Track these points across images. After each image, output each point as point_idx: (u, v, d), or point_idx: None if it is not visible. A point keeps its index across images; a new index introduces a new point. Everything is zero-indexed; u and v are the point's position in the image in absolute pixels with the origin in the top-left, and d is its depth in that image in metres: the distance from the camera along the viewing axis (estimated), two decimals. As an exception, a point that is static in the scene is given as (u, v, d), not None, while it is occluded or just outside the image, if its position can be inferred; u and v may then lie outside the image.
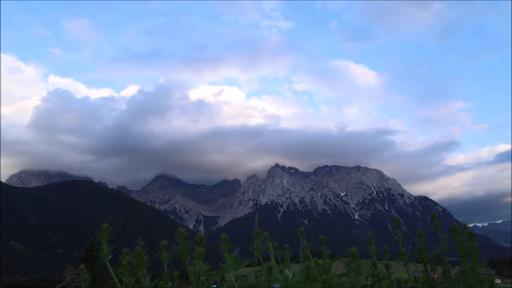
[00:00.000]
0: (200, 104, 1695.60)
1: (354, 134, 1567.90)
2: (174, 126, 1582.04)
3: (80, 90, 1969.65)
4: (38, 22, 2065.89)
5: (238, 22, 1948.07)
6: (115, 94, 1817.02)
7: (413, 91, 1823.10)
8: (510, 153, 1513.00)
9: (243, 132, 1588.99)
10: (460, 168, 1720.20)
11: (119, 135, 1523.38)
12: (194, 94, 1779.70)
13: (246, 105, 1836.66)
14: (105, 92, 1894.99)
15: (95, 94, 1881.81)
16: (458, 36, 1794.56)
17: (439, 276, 2.53)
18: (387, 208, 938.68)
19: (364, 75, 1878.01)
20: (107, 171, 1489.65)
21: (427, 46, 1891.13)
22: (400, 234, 2.83)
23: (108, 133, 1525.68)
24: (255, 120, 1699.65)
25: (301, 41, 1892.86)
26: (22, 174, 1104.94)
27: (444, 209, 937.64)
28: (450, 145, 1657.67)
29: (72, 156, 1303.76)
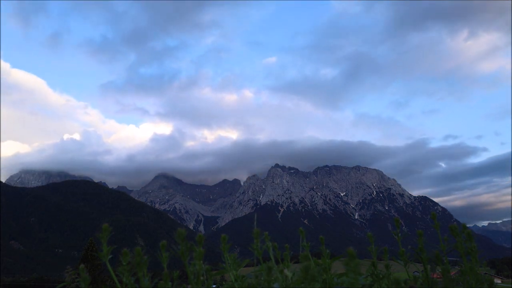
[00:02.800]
0: (209, 143, 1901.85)
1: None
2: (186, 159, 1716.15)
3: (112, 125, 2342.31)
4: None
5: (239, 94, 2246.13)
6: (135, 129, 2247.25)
7: (387, 134, 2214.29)
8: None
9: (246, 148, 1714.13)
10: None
11: (129, 165, 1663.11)
12: (206, 139, 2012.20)
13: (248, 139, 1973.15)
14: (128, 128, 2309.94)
15: (121, 128, 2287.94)
16: (410, 104, 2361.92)
17: (438, 276, 2.54)
18: (387, 208, 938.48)
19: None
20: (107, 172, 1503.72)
21: (389, 109, 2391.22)
22: (400, 234, 2.85)
23: (121, 164, 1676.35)
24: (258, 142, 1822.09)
25: (291, 101, 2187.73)
26: (22, 174, 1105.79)
27: (444, 209, 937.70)
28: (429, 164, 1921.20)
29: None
